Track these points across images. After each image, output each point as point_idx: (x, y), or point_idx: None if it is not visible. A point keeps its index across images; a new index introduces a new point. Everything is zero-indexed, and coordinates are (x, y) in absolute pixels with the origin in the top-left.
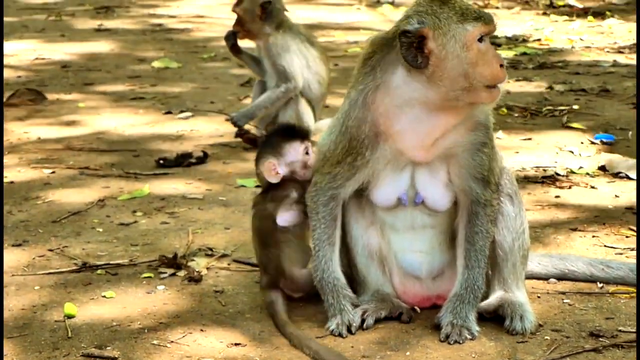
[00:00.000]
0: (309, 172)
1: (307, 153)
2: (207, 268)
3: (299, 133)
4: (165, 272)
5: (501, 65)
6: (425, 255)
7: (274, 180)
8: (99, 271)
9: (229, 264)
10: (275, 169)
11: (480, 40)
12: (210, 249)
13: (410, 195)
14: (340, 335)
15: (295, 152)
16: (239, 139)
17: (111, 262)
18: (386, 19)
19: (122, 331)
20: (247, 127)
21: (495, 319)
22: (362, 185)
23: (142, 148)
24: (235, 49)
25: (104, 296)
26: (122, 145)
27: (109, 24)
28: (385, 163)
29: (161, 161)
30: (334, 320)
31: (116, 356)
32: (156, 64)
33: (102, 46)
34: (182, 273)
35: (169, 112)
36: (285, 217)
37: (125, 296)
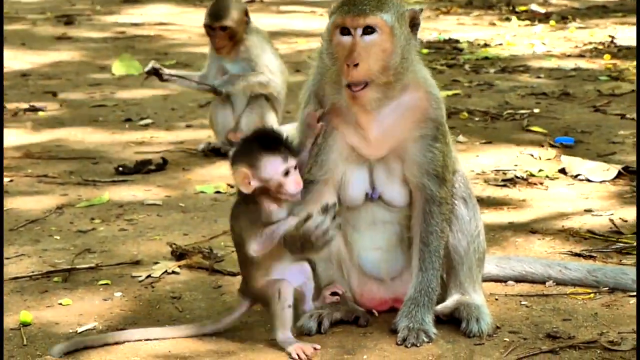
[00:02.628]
0: (287, 194)
1: (286, 174)
2: (166, 273)
3: (283, 150)
4: (141, 275)
5: (348, 65)
6: (385, 253)
7: (245, 190)
8: (55, 278)
9: (187, 270)
10: (248, 180)
11: (344, 33)
12: (168, 255)
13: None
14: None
15: (273, 170)
16: (201, 150)
17: (68, 269)
18: None
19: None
20: (208, 136)
21: (452, 322)
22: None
23: (101, 155)
24: (163, 78)
25: (61, 303)
26: (81, 153)
27: (71, 32)
28: (344, 160)
29: (120, 168)
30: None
31: None
32: (117, 72)
33: (63, 55)
34: (157, 273)
35: (129, 120)
36: (253, 247)
37: (82, 303)
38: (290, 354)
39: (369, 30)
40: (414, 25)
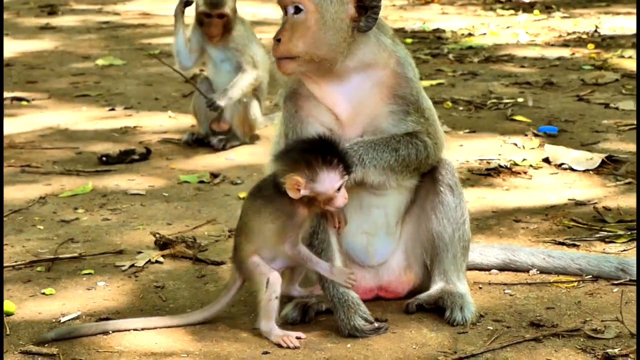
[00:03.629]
0: (332, 207)
1: (338, 190)
2: (150, 262)
3: (344, 166)
4: (124, 265)
5: (277, 40)
6: (372, 238)
7: (292, 196)
8: (39, 268)
9: (171, 260)
10: (299, 188)
11: (284, 12)
12: (152, 245)
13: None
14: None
15: (329, 185)
16: (184, 141)
17: (51, 258)
18: None
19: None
20: (191, 126)
21: (436, 310)
22: None
23: (84, 145)
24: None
25: (44, 293)
26: (65, 143)
27: (54, 22)
28: None
29: (104, 158)
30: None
31: (55, 353)
32: (100, 62)
33: (46, 44)
34: (140, 263)
35: (112, 109)
36: (287, 248)
37: (65, 293)
38: (277, 343)
39: (297, 8)
40: (365, 7)
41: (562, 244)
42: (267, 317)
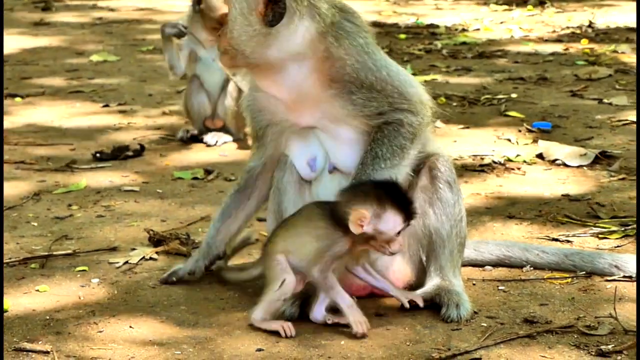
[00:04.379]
0: (386, 250)
1: (398, 234)
2: (144, 259)
3: (409, 212)
4: (118, 262)
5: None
6: None
7: (353, 230)
8: (32, 265)
9: (164, 256)
10: (363, 224)
11: None
12: (146, 241)
13: (324, 163)
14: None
15: (392, 226)
16: (179, 138)
17: (45, 255)
18: None
19: (55, 325)
20: (185, 122)
21: (431, 307)
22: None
23: (78, 141)
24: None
25: (38, 290)
26: (59, 139)
27: (48, 17)
28: (286, 130)
29: (98, 154)
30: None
31: (48, 350)
32: (95, 58)
33: (41, 40)
34: (134, 260)
35: (106, 105)
36: (315, 271)
37: (59, 290)
38: (274, 330)
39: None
40: (271, 2)
41: (556, 239)
42: (265, 312)
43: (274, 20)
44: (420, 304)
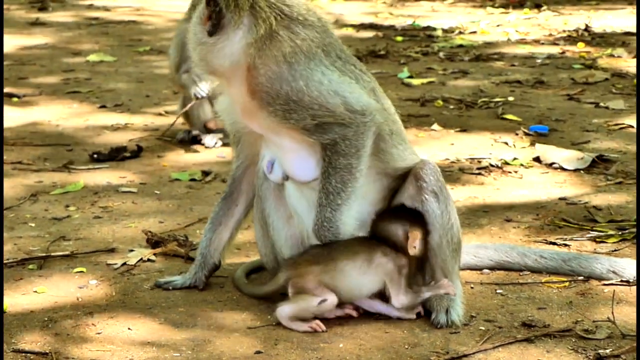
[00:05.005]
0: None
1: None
2: (142, 261)
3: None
4: (116, 263)
5: None
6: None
7: (409, 250)
8: (30, 266)
9: (162, 258)
10: (416, 244)
11: None
12: (144, 243)
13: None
14: None
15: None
16: (179, 139)
17: (43, 256)
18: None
19: (53, 326)
20: (182, 123)
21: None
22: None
23: (76, 142)
24: None
25: (36, 291)
26: (56, 140)
27: (45, 17)
28: (251, 136)
29: (95, 155)
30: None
31: (47, 351)
32: (91, 58)
33: (37, 40)
34: (132, 261)
35: (103, 106)
36: (402, 299)
37: (57, 291)
38: (305, 330)
39: None
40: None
41: (554, 243)
42: (294, 315)
43: (212, 30)
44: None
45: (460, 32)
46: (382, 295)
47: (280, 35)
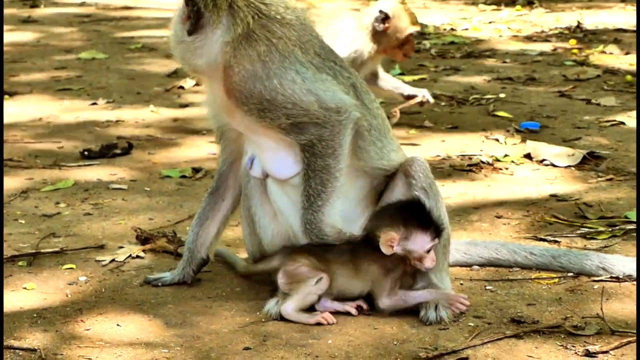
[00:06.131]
0: (420, 266)
1: (428, 251)
2: (131, 257)
3: (433, 229)
4: (105, 259)
5: None
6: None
7: (385, 251)
8: (20, 262)
9: (152, 254)
10: (392, 245)
11: None
12: (133, 239)
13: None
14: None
15: (420, 245)
16: (165, 130)
17: (32, 253)
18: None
19: (42, 323)
20: (173, 120)
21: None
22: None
23: (66, 139)
24: None
25: (25, 288)
26: (47, 137)
27: (36, 14)
28: (234, 132)
29: (86, 152)
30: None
31: (35, 348)
32: (83, 55)
33: (28, 37)
34: (122, 258)
35: (94, 103)
36: (385, 301)
37: (47, 287)
38: (315, 323)
39: None
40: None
41: (544, 240)
42: (298, 306)
43: (191, 29)
44: None
45: (452, 29)
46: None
47: (257, 34)
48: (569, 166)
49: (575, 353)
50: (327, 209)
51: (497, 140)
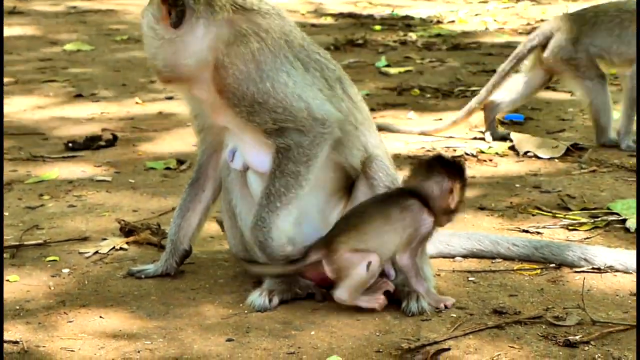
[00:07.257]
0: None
1: (450, 192)
2: (114, 249)
3: (449, 167)
4: (89, 252)
5: None
6: (306, 226)
7: (441, 202)
8: (3, 255)
9: (135, 246)
10: (452, 195)
11: None
12: (117, 232)
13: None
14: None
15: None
16: (150, 122)
17: (15, 245)
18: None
19: (25, 315)
20: (158, 113)
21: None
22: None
23: (51, 131)
24: None
25: (8, 280)
26: (31, 129)
27: (22, 6)
28: (216, 126)
29: (70, 144)
30: None
31: (18, 340)
32: (68, 47)
33: (14, 29)
34: (105, 250)
35: (79, 95)
36: (404, 259)
37: (30, 279)
38: (369, 307)
39: None
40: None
41: (526, 231)
42: (355, 292)
43: (177, 19)
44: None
45: (439, 22)
46: None
47: (244, 29)
48: (553, 158)
49: (557, 343)
50: (283, 213)
51: (481, 132)
